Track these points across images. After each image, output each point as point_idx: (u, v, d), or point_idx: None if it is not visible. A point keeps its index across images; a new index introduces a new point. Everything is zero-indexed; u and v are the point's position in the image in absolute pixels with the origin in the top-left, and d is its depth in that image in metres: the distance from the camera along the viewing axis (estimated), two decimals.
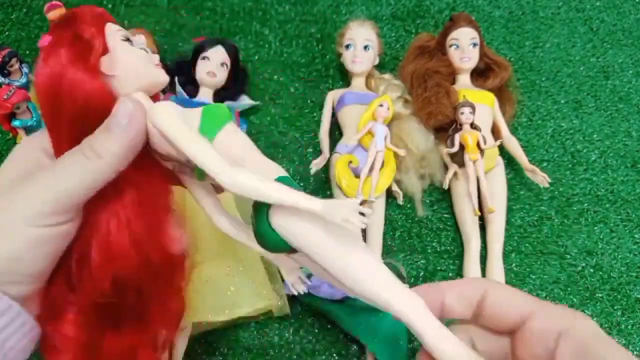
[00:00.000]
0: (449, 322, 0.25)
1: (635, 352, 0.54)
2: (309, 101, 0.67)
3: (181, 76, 0.63)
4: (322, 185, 0.61)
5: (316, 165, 0.57)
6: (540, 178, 0.59)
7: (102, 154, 0.26)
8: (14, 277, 0.25)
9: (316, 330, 0.53)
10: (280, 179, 0.27)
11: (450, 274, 0.58)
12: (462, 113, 0.59)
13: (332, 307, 0.50)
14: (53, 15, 0.57)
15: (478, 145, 0.58)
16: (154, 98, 0.31)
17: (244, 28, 0.72)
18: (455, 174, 0.60)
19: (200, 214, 0.43)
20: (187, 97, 0.61)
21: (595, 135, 0.67)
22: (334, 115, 0.64)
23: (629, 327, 0.56)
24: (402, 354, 0.48)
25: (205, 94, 0.61)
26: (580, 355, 0.22)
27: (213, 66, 0.60)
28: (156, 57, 0.31)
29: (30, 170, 0.27)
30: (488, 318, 0.25)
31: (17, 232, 0.25)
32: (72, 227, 0.27)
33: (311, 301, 0.51)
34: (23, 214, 0.25)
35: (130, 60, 0.29)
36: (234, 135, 0.29)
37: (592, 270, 0.58)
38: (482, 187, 0.57)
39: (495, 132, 0.63)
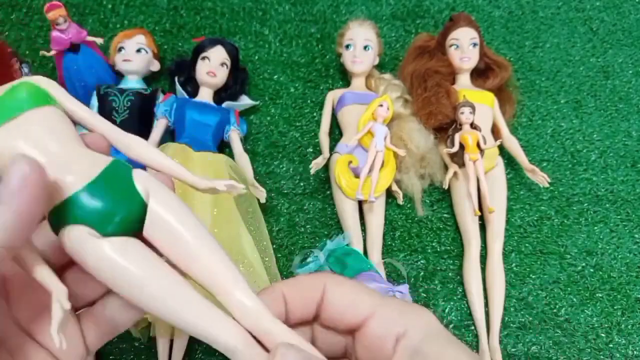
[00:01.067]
0: None
1: (635, 352, 0.54)
2: (309, 101, 0.67)
3: (181, 76, 0.63)
4: (322, 185, 0.61)
5: (316, 165, 0.57)
6: (540, 178, 0.59)
7: None
8: None
9: None
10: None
11: (450, 274, 0.58)
12: (462, 113, 0.59)
13: None
14: (53, 15, 0.57)
15: (478, 145, 0.58)
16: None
17: (244, 28, 0.72)
18: (455, 174, 0.60)
19: (199, 213, 0.43)
20: (187, 97, 0.62)
21: (595, 135, 0.67)
22: (334, 115, 0.64)
23: (629, 327, 0.56)
24: None
25: (205, 94, 0.61)
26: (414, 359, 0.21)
27: (213, 66, 0.60)
28: None
29: None
30: (327, 318, 0.24)
31: None
32: None
33: None
34: None
35: None
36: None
37: (592, 270, 0.58)
38: (482, 187, 0.57)
39: (495, 132, 0.63)
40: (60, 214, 0.21)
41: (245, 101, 0.64)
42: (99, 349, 0.44)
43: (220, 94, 0.63)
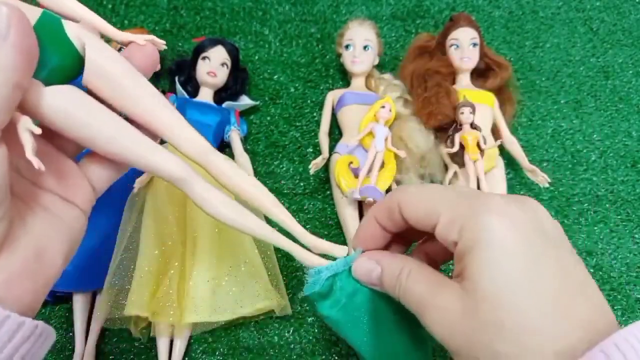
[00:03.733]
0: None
1: None
2: (309, 101, 0.67)
3: (181, 76, 0.63)
4: (322, 185, 0.61)
5: (316, 165, 0.57)
6: (540, 178, 0.59)
7: None
8: None
9: (316, 330, 0.53)
10: None
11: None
12: (462, 113, 0.59)
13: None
14: None
15: (478, 145, 0.58)
16: None
17: (244, 28, 0.72)
18: (455, 174, 0.60)
19: (201, 215, 0.43)
20: (187, 97, 0.62)
21: (595, 135, 0.67)
22: (333, 115, 0.64)
23: None
24: None
25: (205, 94, 0.61)
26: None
27: (213, 66, 0.60)
28: None
29: None
30: (414, 224, 0.26)
31: None
32: None
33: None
34: None
35: None
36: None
37: (592, 270, 0.58)
38: (482, 187, 0.57)
39: (495, 132, 0.63)
40: None
41: (245, 101, 0.64)
42: (97, 341, 0.45)
43: (221, 94, 0.63)
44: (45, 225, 0.26)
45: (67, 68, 0.26)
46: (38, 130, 0.22)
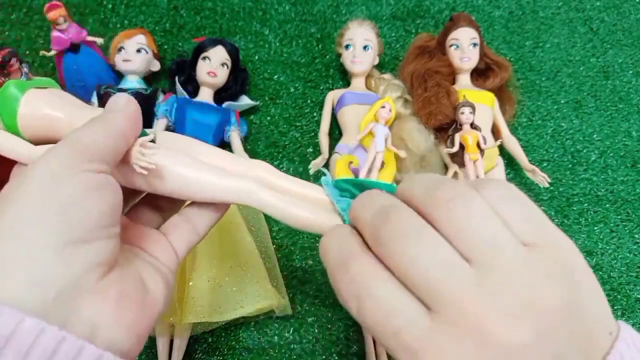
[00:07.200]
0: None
1: None
2: (309, 101, 0.67)
3: (181, 76, 0.63)
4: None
5: (316, 165, 0.57)
6: (540, 178, 0.59)
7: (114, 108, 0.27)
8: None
9: (316, 330, 0.53)
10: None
11: None
12: (462, 113, 0.59)
13: None
14: (53, 15, 0.57)
15: (478, 145, 0.58)
16: None
17: (244, 28, 0.72)
18: (455, 174, 0.60)
19: None
20: (187, 97, 0.62)
21: (595, 135, 0.67)
22: (333, 115, 0.64)
23: None
24: None
25: (205, 94, 0.61)
26: None
27: (214, 66, 0.60)
28: None
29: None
30: None
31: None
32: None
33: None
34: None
35: None
36: (34, 107, 0.28)
37: (592, 270, 0.58)
38: None
39: (495, 132, 0.63)
40: None
41: (245, 101, 0.64)
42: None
43: (221, 94, 0.63)
44: (145, 264, 0.27)
45: None
46: (150, 138, 0.29)
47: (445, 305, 0.18)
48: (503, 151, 0.63)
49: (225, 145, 0.62)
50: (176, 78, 0.63)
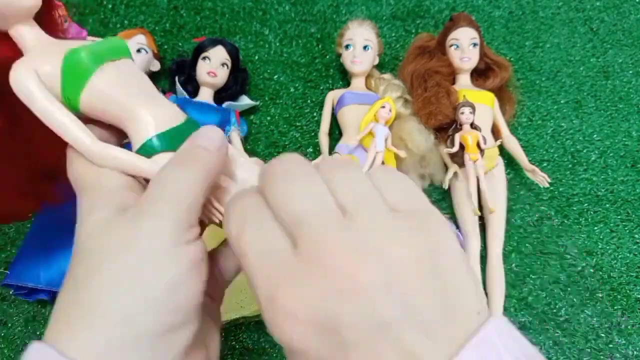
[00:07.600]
0: None
1: (635, 352, 0.54)
2: (309, 101, 0.67)
3: (181, 76, 0.63)
4: None
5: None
6: (540, 178, 0.59)
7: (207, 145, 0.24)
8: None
9: None
10: (161, 135, 0.25)
11: None
12: (462, 113, 0.59)
13: None
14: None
15: (478, 145, 0.58)
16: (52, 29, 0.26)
17: (244, 28, 0.72)
18: (455, 174, 0.60)
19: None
20: (187, 97, 0.62)
21: (595, 135, 0.67)
22: (333, 115, 0.64)
23: (629, 327, 0.56)
24: None
25: (205, 94, 0.61)
26: None
27: (214, 66, 0.60)
28: None
29: None
30: None
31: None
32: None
33: None
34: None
35: None
36: (105, 86, 0.24)
37: (592, 270, 0.58)
38: (482, 187, 0.57)
39: (495, 132, 0.63)
40: None
41: (245, 101, 0.64)
42: None
43: (221, 94, 0.63)
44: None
45: None
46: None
47: (307, 240, 0.19)
48: (503, 151, 0.63)
49: None
50: (176, 78, 0.63)
